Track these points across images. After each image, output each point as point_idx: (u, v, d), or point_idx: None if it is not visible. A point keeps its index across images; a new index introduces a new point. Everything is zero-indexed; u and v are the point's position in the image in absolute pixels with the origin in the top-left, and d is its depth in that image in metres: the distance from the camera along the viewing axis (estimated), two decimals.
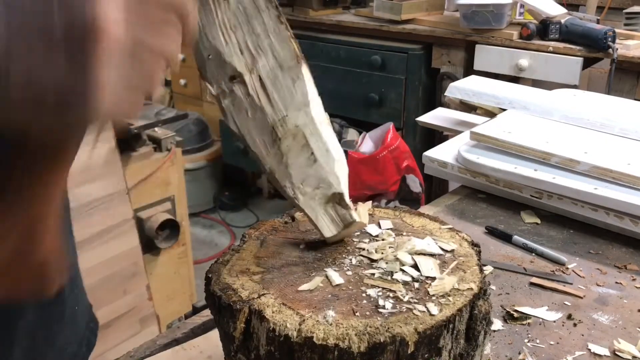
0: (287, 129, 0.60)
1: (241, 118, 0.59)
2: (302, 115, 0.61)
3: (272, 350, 0.53)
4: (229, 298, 0.56)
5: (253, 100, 0.59)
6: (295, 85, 0.61)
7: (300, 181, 0.61)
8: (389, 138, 2.38)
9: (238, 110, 0.59)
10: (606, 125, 1.18)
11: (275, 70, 0.60)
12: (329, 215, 0.63)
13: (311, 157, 0.62)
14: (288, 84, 0.61)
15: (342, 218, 0.63)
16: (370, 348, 0.50)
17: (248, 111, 0.59)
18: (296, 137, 0.61)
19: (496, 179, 1.13)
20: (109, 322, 1.83)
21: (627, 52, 2.12)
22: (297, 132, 0.61)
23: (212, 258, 2.98)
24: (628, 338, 0.78)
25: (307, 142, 0.61)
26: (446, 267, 0.61)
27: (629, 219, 1.00)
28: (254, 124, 0.59)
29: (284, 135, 0.60)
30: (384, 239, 0.65)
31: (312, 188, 0.62)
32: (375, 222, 0.69)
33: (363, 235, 0.67)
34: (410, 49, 2.57)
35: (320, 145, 0.62)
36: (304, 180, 0.61)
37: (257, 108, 0.59)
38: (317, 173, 0.62)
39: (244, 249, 0.65)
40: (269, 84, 0.60)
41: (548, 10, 2.27)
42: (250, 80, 0.59)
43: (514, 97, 1.31)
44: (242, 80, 0.59)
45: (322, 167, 0.62)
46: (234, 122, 0.59)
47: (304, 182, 0.62)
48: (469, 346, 0.57)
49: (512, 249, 0.99)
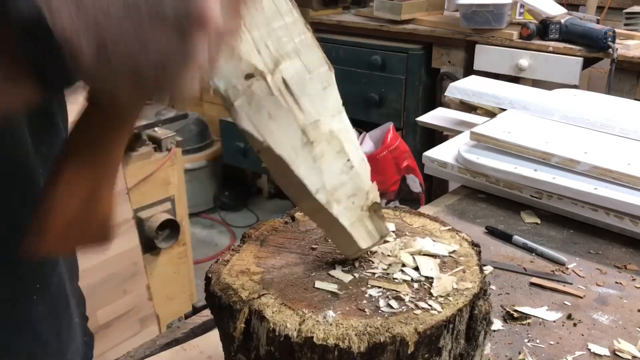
0: (320, 133, 0.56)
1: (260, 119, 0.54)
2: (337, 121, 0.57)
3: (272, 350, 0.53)
4: (229, 298, 0.56)
5: (277, 101, 0.54)
6: (327, 91, 0.57)
7: (335, 188, 0.57)
8: (389, 138, 2.38)
9: (256, 110, 0.54)
10: (606, 125, 1.18)
11: (302, 74, 0.56)
12: (364, 226, 0.59)
13: (347, 164, 0.58)
14: (317, 89, 0.57)
15: (378, 229, 0.60)
16: (370, 348, 0.50)
17: (270, 112, 0.54)
18: (331, 143, 0.57)
19: (496, 179, 1.13)
20: (109, 322, 1.83)
21: (627, 52, 2.12)
22: (332, 137, 0.57)
23: (212, 258, 2.98)
24: (628, 338, 0.78)
25: (343, 148, 0.57)
26: (446, 268, 0.61)
27: (629, 219, 1.00)
28: (277, 125, 0.54)
29: (316, 139, 0.56)
30: (387, 241, 0.65)
31: (347, 196, 0.58)
32: None
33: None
34: (410, 49, 2.57)
35: (356, 154, 0.59)
36: (338, 188, 0.57)
37: (283, 109, 0.54)
38: (354, 181, 0.58)
39: (244, 249, 0.65)
40: (295, 88, 0.55)
41: (548, 10, 2.27)
42: (273, 80, 0.54)
43: (514, 97, 1.31)
44: (263, 80, 0.54)
45: (358, 175, 0.58)
46: (251, 122, 0.53)
47: (339, 190, 0.57)
48: (469, 346, 0.57)
49: (512, 249, 0.99)
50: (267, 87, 0.54)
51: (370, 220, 0.60)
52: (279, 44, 0.55)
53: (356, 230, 0.59)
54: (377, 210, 0.60)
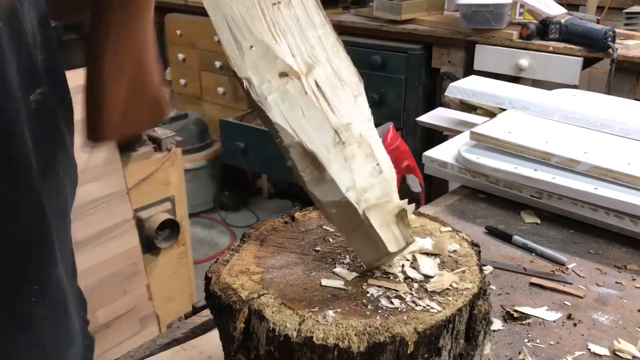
0: (351, 135, 0.57)
1: (294, 115, 0.56)
2: (367, 127, 0.59)
3: (272, 350, 0.53)
4: (228, 298, 0.56)
5: (310, 100, 0.56)
6: (357, 100, 0.59)
7: (365, 189, 0.57)
8: (389, 138, 2.38)
9: (290, 106, 0.55)
10: (606, 125, 1.18)
11: (334, 81, 0.58)
12: (391, 230, 0.58)
13: (377, 168, 0.58)
14: (349, 97, 0.58)
15: (404, 236, 0.59)
16: (370, 348, 0.50)
17: (303, 110, 0.56)
18: (362, 146, 0.58)
19: (496, 179, 1.13)
20: (109, 322, 1.83)
21: (627, 52, 2.12)
22: (363, 141, 0.58)
23: (212, 258, 2.98)
24: (628, 338, 0.78)
25: (373, 152, 0.58)
26: (446, 268, 0.61)
27: (629, 219, 1.00)
28: (310, 123, 0.56)
29: (348, 140, 0.57)
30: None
31: (375, 199, 0.57)
32: None
33: None
34: (410, 49, 2.57)
35: (385, 160, 0.59)
36: (368, 189, 0.57)
37: (316, 109, 0.56)
38: (382, 185, 0.58)
39: (244, 249, 0.65)
40: (329, 92, 0.57)
41: (548, 10, 2.27)
42: (307, 82, 0.56)
43: (514, 97, 1.31)
44: (298, 79, 0.56)
45: (387, 180, 0.59)
46: (284, 117, 0.55)
47: (368, 191, 0.57)
48: (468, 346, 0.57)
49: (512, 249, 0.99)
50: (302, 86, 0.56)
51: (397, 226, 0.58)
52: (312, 51, 0.58)
53: (384, 233, 0.58)
54: (404, 217, 0.58)
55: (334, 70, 0.58)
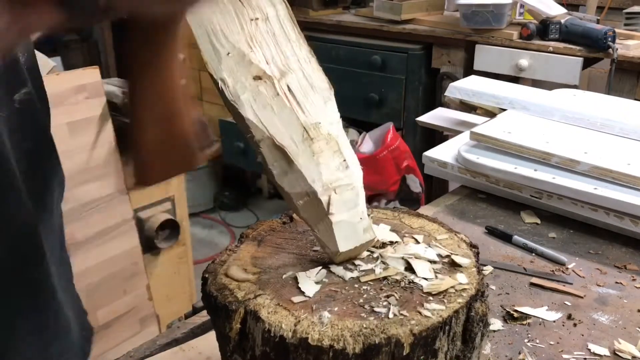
0: (320, 132, 0.60)
1: (265, 112, 0.59)
2: (335, 128, 0.62)
3: (268, 350, 0.53)
4: (224, 299, 0.56)
5: (282, 101, 0.60)
6: (327, 104, 0.62)
7: (330, 182, 0.59)
8: (389, 138, 2.38)
9: (262, 105, 0.59)
10: (606, 125, 1.18)
11: (305, 87, 0.62)
12: (351, 226, 0.60)
13: (343, 163, 0.61)
14: (319, 101, 0.62)
15: (365, 233, 0.60)
16: (365, 349, 0.50)
17: (274, 109, 0.59)
18: (329, 143, 0.60)
19: (496, 179, 1.12)
20: (109, 322, 1.83)
21: (627, 52, 2.12)
22: (331, 139, 0.60)
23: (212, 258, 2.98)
24: (628, 338, 0.78)
25: (340, 149, 0.61)
26: (442, 271, 0.60)
27: (629, 219, 0.99)
28: (280, 119, 0.59)
29: (316, 137, 0.60)
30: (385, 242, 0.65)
31: (340, 192, 0.60)
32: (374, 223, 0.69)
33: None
34: (410, 49, 2.57)
35: (352, 157, 0.62)
36: (333, 182, 0.59)
37: (286, 109, 0.60)
38: (349, 179, 0.60)
39: (242, 249, 0.65)
40: (300, 95, 0.61)
41: (548, 10, 2.27)
42: (279, 85, 0.60)
43: (514, 97, 1.31)
44: (271, 83, 0.60)
45: (353, 175, 0.61)
46: (255, 114, 0.59)
47: (334, 184, 0.59)
48: (465, 348, 0.57)
49: (512, 249, 0.99)
50: (274, 88, 0.60)
51: (358, 223, 0.60)
52: (286, 61, 0.62)
53: (341, 229, 0.59)
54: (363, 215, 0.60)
55: (306, 78, 0.62)
